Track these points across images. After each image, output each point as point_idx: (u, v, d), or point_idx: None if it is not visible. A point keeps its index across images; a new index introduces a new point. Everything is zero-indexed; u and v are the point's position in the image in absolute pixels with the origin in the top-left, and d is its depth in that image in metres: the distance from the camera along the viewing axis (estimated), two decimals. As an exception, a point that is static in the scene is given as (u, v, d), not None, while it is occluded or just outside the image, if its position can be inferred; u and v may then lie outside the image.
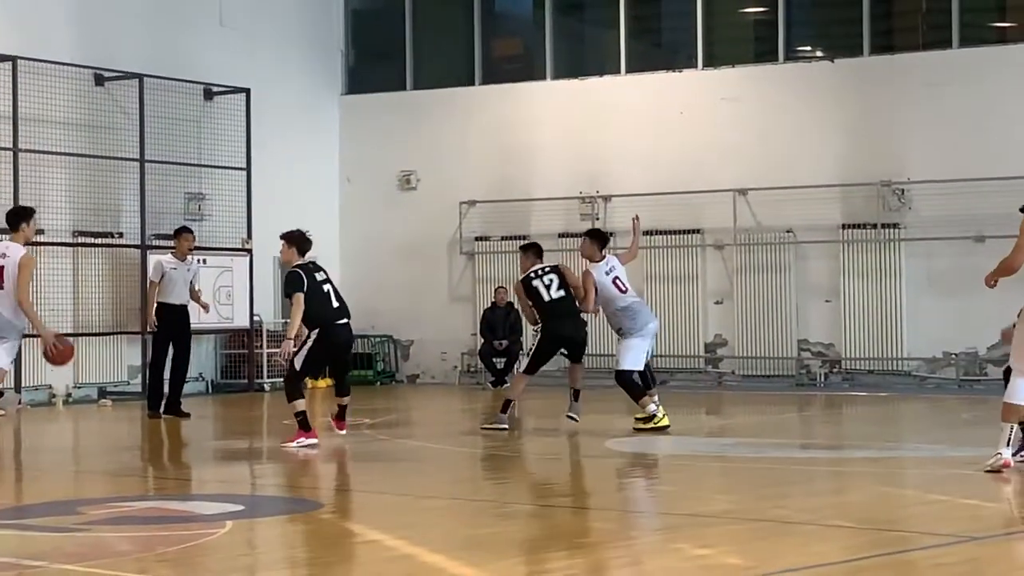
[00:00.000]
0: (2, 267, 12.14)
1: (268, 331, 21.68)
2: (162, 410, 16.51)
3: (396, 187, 23.04)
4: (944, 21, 20.26)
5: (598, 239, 14.85)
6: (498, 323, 21.58)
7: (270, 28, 22.68)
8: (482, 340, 21.66)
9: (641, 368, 14.49)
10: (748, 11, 22.70)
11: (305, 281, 13.32)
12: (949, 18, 20.11)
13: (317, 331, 13.20)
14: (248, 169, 21.31)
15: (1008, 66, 18.23)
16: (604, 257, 14.67)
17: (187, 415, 16.49)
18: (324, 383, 22.25)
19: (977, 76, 19.51)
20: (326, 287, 13.39)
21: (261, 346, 21.40)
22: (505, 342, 21.44)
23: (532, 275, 14.35)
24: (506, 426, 14.36)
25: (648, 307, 15.37)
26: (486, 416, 15.41)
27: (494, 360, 21.53)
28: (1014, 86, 17.49)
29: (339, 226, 23.44)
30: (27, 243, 12.57)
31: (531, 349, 14.50)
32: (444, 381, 22.69)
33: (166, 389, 16.65)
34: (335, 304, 13.33)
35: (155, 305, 16.51)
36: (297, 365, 13.28)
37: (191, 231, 17.17)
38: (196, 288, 16.89)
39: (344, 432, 13.78)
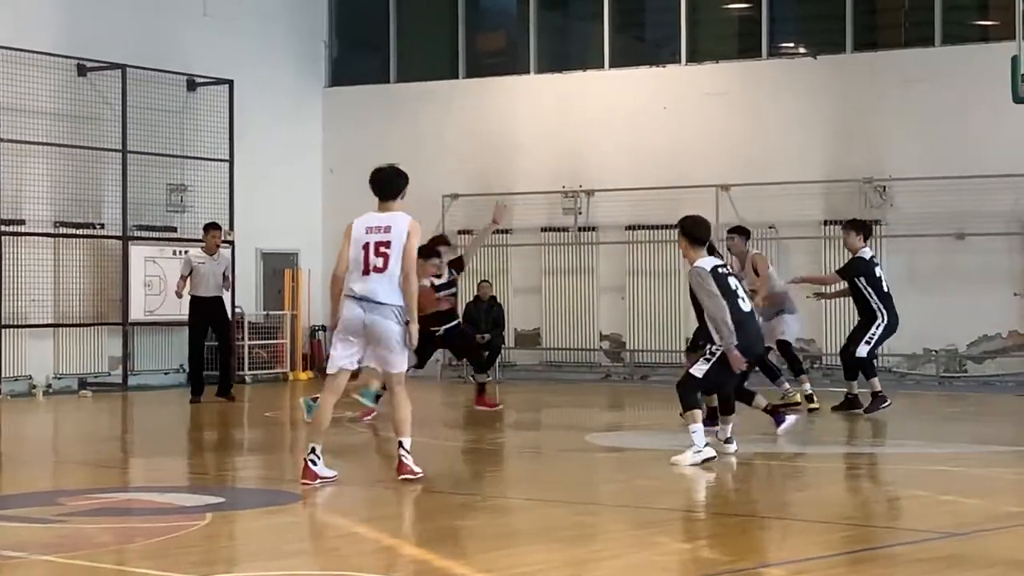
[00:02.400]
0: None
1: (250, 323, 21.65)
2: (202, 396, 17.40)
3: (379, 180, 23.01)
4: (927, 18, 20.31)
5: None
6: (481, 317, 21.56)
7: (254, 19, 22.64)
8: (464, 334, 21.62)
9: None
10: (732, 7, 22.72)
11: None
12: (932, 15, 20.16)
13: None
14: (231, 160, 21.27)
15: (990, 64, 18.25)
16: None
17: (233, 398, 17.51)
18: (305, 375, 22.24)
19: (959, 74, 19.57)
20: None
21: (243, 338, 21.36)
22: (488, 336, 21.42)
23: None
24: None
25: None
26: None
27: (476, 354, 21.50)
28: (996, 84, 17.49)
29: (322, 217, 23.41)
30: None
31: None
32: (426, 374, 22.61)
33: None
34: None
35: (184, 298, 17.46)
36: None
37: (219, 226, 17.91)
38: (228, 278, 17.54)
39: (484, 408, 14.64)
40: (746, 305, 11.36)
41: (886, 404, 14.84)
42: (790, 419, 12.75)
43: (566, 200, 21.81)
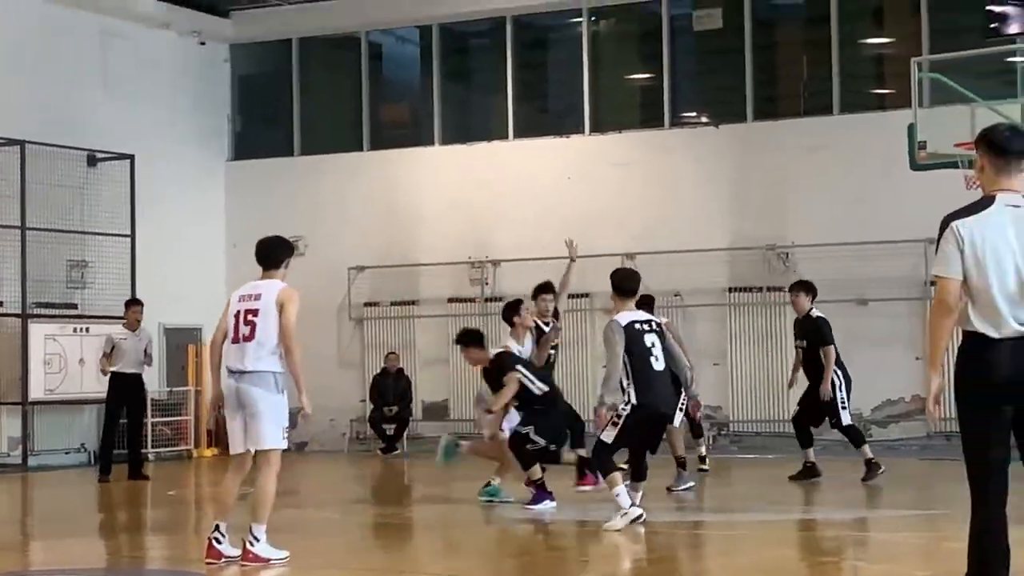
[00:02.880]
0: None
1: (153, 400, 21.32)
2: (110, 475, 17.11)
3: (284, 253, 22.86)
4: (825, 87, 20.65)
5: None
6: (388, 389, 21.47)
7: (156, 93, 22.49)
8: (372, 406, 21.52)
9: None
10: (634, 77, 22.97)
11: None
12: (830, 84, 20.50)
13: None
14: (132, 236, 21.04)
15: (887, 131, 18.54)
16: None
17: (147, 477, 17.26)
18: (210, 452, 21.94)
19: (858, 141, 19.87)
20: None
21: (147, 415, 21.01)
22: (395, 408, 21.33)
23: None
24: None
25: None
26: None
27: (384, 426, 21.39)
28: (893, 151, 17.76)
29: (225, 292, 23.14)
30: None
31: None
32: (333, 448, 22.47)
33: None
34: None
35: (108, 375, 17.25)
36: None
37: (140, 302, 17.72)
38: (150, 354, 17.49)
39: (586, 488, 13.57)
40: (658, 364, 11.27)
41: (881, 470, 14.77)
42: (547, 504, 12.74)
43: (472, 271, 21.82)
